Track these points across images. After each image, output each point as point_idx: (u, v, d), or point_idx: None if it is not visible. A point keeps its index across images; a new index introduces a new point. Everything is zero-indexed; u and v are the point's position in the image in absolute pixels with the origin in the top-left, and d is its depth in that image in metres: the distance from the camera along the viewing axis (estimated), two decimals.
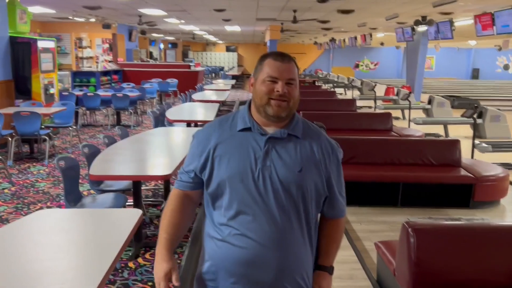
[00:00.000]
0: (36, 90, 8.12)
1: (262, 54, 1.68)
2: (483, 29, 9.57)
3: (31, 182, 5.80)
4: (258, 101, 1.59)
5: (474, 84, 30.47)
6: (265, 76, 1.58)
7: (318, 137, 1.65)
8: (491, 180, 5.31)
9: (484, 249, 2.80)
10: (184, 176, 1.68)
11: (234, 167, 1.56)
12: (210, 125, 1.69)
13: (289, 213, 1.56)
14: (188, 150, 1.70)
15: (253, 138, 1.59)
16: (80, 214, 2.75)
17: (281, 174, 1.55)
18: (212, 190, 1.60)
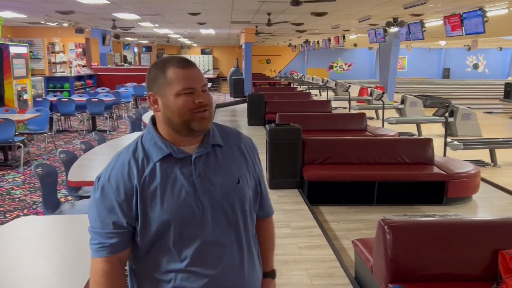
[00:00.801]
0: (9, 97, 7.99)
1: (157, 62, 1.39)
2: (452, 30, 9.83)
3: (6, 190, 5.71)
4: (177, 119, 1.33)
5: (445, 83, 31.19)
6: (179, 88, 1.32)
7: (238, 137, 1.49)
8: (463, 177, 5.46)
9: (458, 243, 2.90)
10: (110, 237, 1.33)
11: (171, 204, 1.32)
12: (120, 164, 1.36)
13: (239, 230, 1.41)
14: (96, 206, 1.34)
15: (177, 164, 1.35)
16: (60, 221, 2.74)
17: (222, 194, 1.37)
18: (150, 237, 1.33)
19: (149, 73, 1.38)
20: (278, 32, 17.68)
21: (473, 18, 8.99)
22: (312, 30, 16.66)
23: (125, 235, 1.34)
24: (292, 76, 26.96)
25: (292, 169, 5.85)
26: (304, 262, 3.82)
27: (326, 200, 5.48)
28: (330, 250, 4.09)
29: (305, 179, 5.57)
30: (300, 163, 5.83)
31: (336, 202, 5.43)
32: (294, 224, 4.67)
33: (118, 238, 1.33)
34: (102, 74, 16.85)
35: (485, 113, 14.62)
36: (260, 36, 18.16)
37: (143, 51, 33.04)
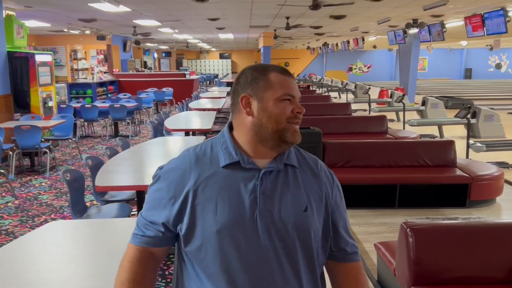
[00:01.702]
0: (34, 104, 8.20)
1: (256, 66, 1.33)
2: (474, 30, 9.74)
3: (34, 195, 5.87)
4: (272, 126, 1.24)
5: (467, 84, 30.76)
6: (279, 94, 1.25)
7: (315, 164, 1.36)
8: (486, 179, 5.40)
9: (481, 246, 2.89)
10: (147, 228, 1.28)
11: (225, 216, 1.20)
12: (182, 160, 1.29)
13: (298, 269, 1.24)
14: (148, 193, 1.31)
15: (243, 175, 1.24)
16: (88, 225, 2.83)
17: (284, 219, 1.23)
18: (194, 248, 1.23)
19: (243, 74, 1.31)
20: (296, 35, 17.72)
21: (495, 18, 8.90)
22: (330, 32, 16.67)
23: (162, 233, 1.26)
24: (310, 79, 26.93)
25: None
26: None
27: (348, 203, 5.29)
28: None
29: None
30: None
31: (358, 205, 5.43)
32: None
33: (153, 233, 1.27)
34: (123, 80, 17.11)
35: (508, 113, 14.39)
36: (278, 39, 18.22)
37: (163, 56, 33.43)
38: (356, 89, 18.65)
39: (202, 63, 35.40)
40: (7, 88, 8.03)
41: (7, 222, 4.92)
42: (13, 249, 2.33)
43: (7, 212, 5.22)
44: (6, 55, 7.99)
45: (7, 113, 7.95)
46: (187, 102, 10.42)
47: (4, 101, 7.90)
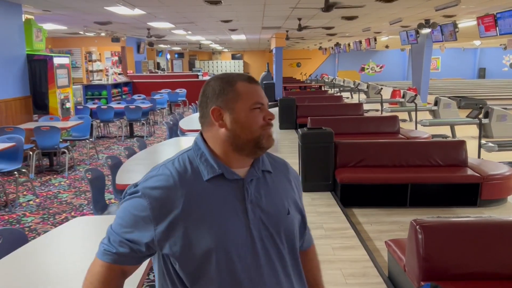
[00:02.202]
0: (53, 105, 8.42)
1: (222, 77, 1.31)
2: (486, 30, 9.73)
3: (53, 194, 6.06)
4: (247, 135, 1.25)
5: (480, 83, 30.51)
6: (249, 103, 1.26)
7: (285, 166, 1.42)
8: (497, 179, 5.44)
9: (489, 243, 2.98)
10: (122, 246, 1.23)
11: (221, 230, 1.20)
12: (164, 178, 1.23)
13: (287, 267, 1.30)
14: (124, 208, 1.25)
15: (228, 187, 1.25)
16: (111, 220, 2.97)
17: (273, 224, 1.27)
18: (193, 267, 1.21)
19: (209, 86, 1.29)
20: (308, 36, 17.79)
21: (508, 18, 8.89)
22: (343, 33, 16.71)
23: (137, 252, 1.24)
24: (322, 79, 26.96)
25: (324, 172, 5.97)
26: (338, 262, 3.94)
27: (359, 202, 5.57)
28: (363, 250, 4.19)
29: (338, 182, 5.67)
30: (332, 166, 5.93)
31: (369, 204, 5.51)
32: (327, 226, 4.79)
33: (129, 250, 1.23)
34: (137, 82, 17.35)
35: None
36: (290, 40, 18.32)
37: (176, 57, 33.68)
38: (368, 89, 18.66)
39: (214, 64, 35.60)
40: (26, 90, 8.26)
41: (30, 219, 5.11)
42: (42, 243, 2.49)
43: (29, 210, 5.42)
44: (25, 58, 8.22)
45: (26, 114, 8.18)
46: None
47: (23, 103, 8.13)
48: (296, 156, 6.51)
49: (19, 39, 8.07)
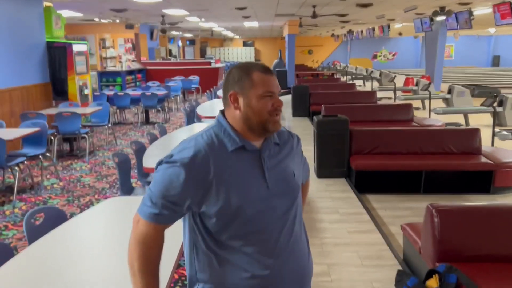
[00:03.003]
0: (72, 91, 8.59)
1: (242, 66, 1.55)
2: (502, 18, 9.70)
3: (76, 178, 6.25)
4: (256, 119, 1.48)
5: (495, 71, 30.22)
6: (261, 91, 1.48)
7: (288, 136, 1.67)
8: (511, 166, 5.52)
9: (503, 227, 3.09)
10: (165, 208, 1.44)
11: (245, 192, 1.46)
12: (196, 147, 1.45)
13: (295, 218, 1.58)
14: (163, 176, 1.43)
15: (249, 157, 1.50)
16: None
17: (286, 184, 1.55)
18: (225, 220, 1.45)
19: (231, 73, 1.53)
20: (321, 23, 17.76)
21: None
22: (356, 20, 16.66)
23: (178, 212, 1.45)
24: (334, 66, 26.88)
25: (339, 159, 6.08)
26: (354, 245, 4.07)
27: (374, 189, 5.68)
28: (378, 234, 4.32)
29: (353, 169, 5.78)
30: (347, 153, 6.04)
31: (383, 190, 5.62)
32: (342, 211, 4.91)
33: (170, 212, 1.44)
34: (151, 69, 17.48)
35: None
36: (303, 27, 18.29)
37: (187, 44, 33.74)
38: (381, 77, 18.60)
39: (225, 51, 35.63)
40: (46, 76, 8.44)
41: (55, 201, 5.30)
42: (81, 220, 2.65)
43: (54, 193, 5.61)
44: (45, 45, 8.39)
45: (47, 101, 8.37)
46: (215, 90, 10.68)
47: (43, 89, 8.31)
48: (309, 143, 6.62)
49: (39, 26, 8.23)
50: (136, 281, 1.48)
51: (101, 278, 2.02)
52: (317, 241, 4.12)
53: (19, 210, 5.04)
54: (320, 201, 5.21)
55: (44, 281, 1.97)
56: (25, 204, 5.23)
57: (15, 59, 7.57)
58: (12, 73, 7.50)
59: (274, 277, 1.50)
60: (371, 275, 3.53)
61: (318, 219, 4.65)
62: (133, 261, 1.47)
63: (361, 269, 3.63)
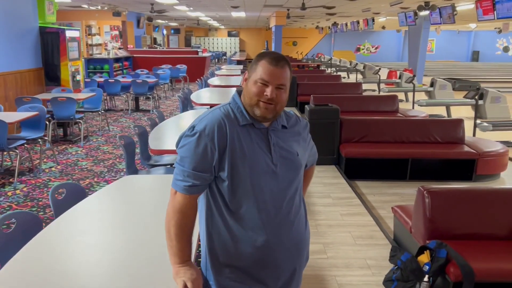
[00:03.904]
0: (64, 77, 8.64)
1: (261, 53, 1.71)
2: (484, 14, 10.01)
3: (73, 161, 6.36)
4: (247, 100, 1.66)
5: (474, 66, 30.86)
6: (257, 77, 1.63)
7: (296, 121, 1.82)
8: (492, 156, 5.81)
9: (488, 207, 3.36)
10: (196, 179, 1.62)
11: (254, 163, 1.63)
12: (216, 118, 1.65)
13: (296, 192, 1.75)
14: (188, 149, 1.62)
15: (257, 133, 1.67)
16: (153, 179, 3.35)
17: (289, 160, 1.70)
18: (236, 185, 1.63)
19: (254, 58, 1.73)
20: (308, 14, 17.93)
21: (506, 2, 9.16)
22: (342, 13, 16.89)
23: (207, 180, 1.63)
24: (319, 58, 27.13)
25: (330, 146, 6.31)
26: (347, 226, 4.32)
27: (362, 175, 5.92)
28: (369, 217, 4.57)
29: (343, 156, 6.02)
30: (337, 141, 6.27)
31: (372, 177, 5.87)
32: (334, 195, 5.15)
33: (201, 181, 1.61)
34: (138, 56, 17.45)
35: None
36: (290, 19, 18.43)
37: (172, 33, 33.60)
38: (365, 69, 18.92)
39: (210, 40, 35.57)
40: (39, 62, 8.47)
41: (56, 184, 5.40)
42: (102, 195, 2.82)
43: (53, 176, 5.72)
44: (38, 30, 8.40)
45: (39, 86, 8.41)
46: (205, 79, 10.81)
47: (36, 74, 8.34)
48: None
49: (32, 11, 8.24)
50: (172, 245, 1.66)
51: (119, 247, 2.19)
52: (312, 223, 4.34)
53: (21, 192, 5.15)
54: (313, 186, 5.44)
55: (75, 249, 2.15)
56: (26, 186, 5.34)
57: (8, 44, 7.59)
58: (6, 58, 7.52)
59: (274, 244, 1.67)
60: (364, 253, 3.78)
61: (311, 203, 4.88)
62: (170, 227, 1.65)
63: (355, 248, 3.87)
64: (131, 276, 1.90)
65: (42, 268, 1.93)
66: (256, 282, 1.70)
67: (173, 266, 1.68)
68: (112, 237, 2.26)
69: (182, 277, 1.63)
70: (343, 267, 3.54)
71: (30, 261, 1.98)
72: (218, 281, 1.71)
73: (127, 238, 2.24)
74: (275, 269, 1.71)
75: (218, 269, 1.70)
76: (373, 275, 3.42)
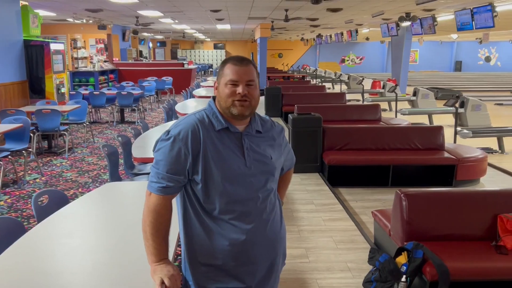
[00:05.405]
0: (49, 90, 8.65)
1: (225, 59, 1.79)
2: (463, 25, 10.27)
3: (57, 173, 6.36)
4: (223, 104, 1.73)
5: (457, 76, 31.39)
6: (226, 80, 1.71)
7: (271, 126, 1.89)
8: (471, 161, 5.94)
9: (463, 209, 3.46)
10: (170, 181, 1.69)
11: (227, 166, 1.69)
12: (190, 123, 1.72)
13: (270, 193, 1.81)
14: (163, 152, 1.69)
15: (231, 137, 1.74)
16: (136, 185, 3.38)
17: (262, 163, 1.76)
18: (209, 187, 1.69)
19: (219, 66, 1.83)
20: (292, 26, 18.14)
21: (484, 13, 9.42)
22: (326, 24, 17.12)
23: (180, 182, 1.69)
24: (304, 69, 27.40)
25: (313, 154, 6.41)
26: (329, 231, 4.39)
27: (345, 182, 6.02)
28: (351, 222, 4.65)
29: (326, 164, 6.12)
30: (320, 149, 6.37)
31: (354, 184, 5.97)
32: (317, 202, 5.23)
33: (175, 183, 1.68)
34: (123, 69, 17.48)
35: (495, 104, 15.02)
36: (274, 30, 18.63)
37: (158, 46, 33.68)
38: (349, 80, 19.19)
39: (196, 53, 35.71)
40: (23, 74, 8.48)
41: None
42: (78, 205, 2.86)
43: (37, 187, 5.72)
44: (22, 43, 8.42)
45: (24, 99, 8.40)
46: (190, 90, 10.88)
47: (21, 87, 8.35)
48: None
49: (16, 24, 8.26)
50: (148, 244, 1.73)
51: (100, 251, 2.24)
52: (295, 228, 4.41)
53: (5, 203, 5.15)
54: (296, 193, 5.52)
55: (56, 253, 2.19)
56: (10, 197, 5.34)
57: None
58: None
59: (249, 241, 1.74)
60: (345, 256, 3.85)
61: (295, 209, 4.95)
62: (146, 227, 1.72)
63: (336, 252, 3.94)
64: (112, 275, 1.96)
65: (25, 268, 1.98)
66: (233, 279, 1.76)
67: (150, 265, 1.74)
68: (95, 240, 2.31)
69: (159, 274, 1.68)
70: (325, 270, 3.60)
71: (13, 262, 2.02)
72: (196, 280, 1.77)
73: (109, 240, 2.30)
74: (252, 266, 1.77)
75: (196, 268, 1.76)
76: (354, 277, 3.49)
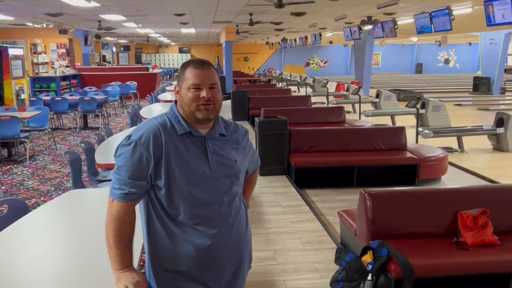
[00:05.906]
0: (8, 96, 8.40)
1: (184, 63, 1.78)
2: (423, 28, 10.57)
3: (18, 181, 6.17)
4: (187, 108, 1.70)
5: (418, 78, 32.26)
6: (189, 84, 1.69)
7: (235, 129, 1.89)
8: (432, 160, 6.11)
9: (425, 207, 3.55)
10: (132, 187, 1.65)
11: (190, 170, 1.67)
12: (151, 128, 1.69)
13: (235, 197, 1.80)
14: (125, 158, 1.65)
15: (194, 141, 1.72)
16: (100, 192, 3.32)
17: (226, 167, 1.76)
18: (172, 192, 1.67)
19: (179, 70, 1.79)
20: (256, 30, 18.23)
21: (442, 17, 9.72)
22: (290, 28, 17.29)
23: (143, 188, 1.66)
24: (270, 73, 27.55)
25: (279, 157, 6.44)
26: (296, 232, 4.42)
27: (311, 184, 6.08)
28: (318, 223, 4.70)
29: (292, 166, 6.16)
30: (287, 152, 6.42)
31: (320, 185, 6.04)
32: (284, 204, 5.26)
33: (137, 189, 1.65)
34: (86, 74, 17.14)
35: (455, 105, 15.49)
36: (239, 34, 18.68)
37: (121, 50, 33.22)
38: (314, 83, 19.43)
39: (161, 57, 35.38)
40: None
41: None
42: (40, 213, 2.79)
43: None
44: None
45: None
46: (155, 95, 10.77)
47: None
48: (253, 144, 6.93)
49: None
50: (112, 252, 1.69)
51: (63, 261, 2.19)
52: (263, 231, 4.43)
53: None
54: (264, 196, 5.54)
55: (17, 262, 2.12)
56: None
57: None
58: None
59: (215, 246, 1.73)
60: (312, 257, 3.89)
61: (262, 212, 4.97)
62: (109, 234, 1.68)
63: (304, 253, 3.97)
64: (76, 283, 1.92)
65: None
66: (198, 285, 1.75)
67: (114, 272, 1.71)
68: (58, 248, 2.26)
69: (124, 282, 1.66)
70: (292, 272, 3.63)
71: None
72: (161, 287, 1.75)
73: (73, 248, 2.25)
74: (217, 271, 1.76)
75: (160, 274, 1.74)
76: (321, 278, 3.52)
